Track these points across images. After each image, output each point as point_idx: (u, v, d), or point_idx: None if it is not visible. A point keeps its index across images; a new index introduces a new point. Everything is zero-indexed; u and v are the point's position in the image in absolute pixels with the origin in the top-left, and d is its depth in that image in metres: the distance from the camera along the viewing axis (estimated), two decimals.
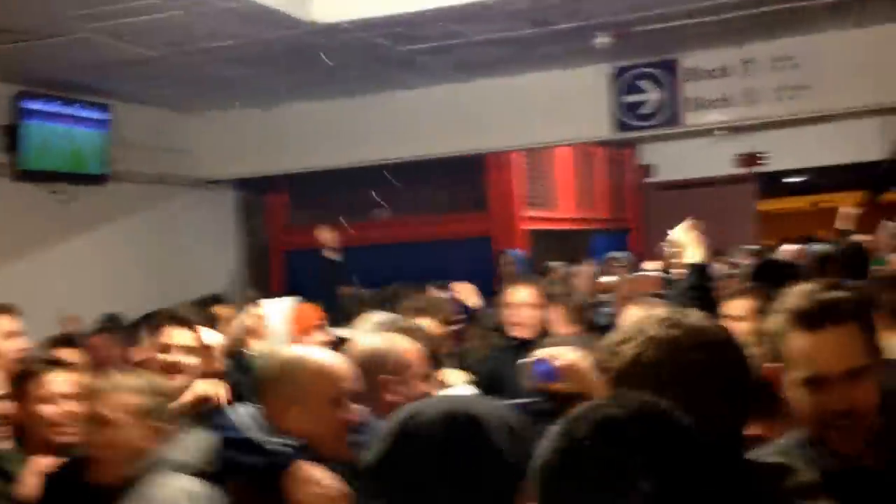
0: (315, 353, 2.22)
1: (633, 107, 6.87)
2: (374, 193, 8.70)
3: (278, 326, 3.91)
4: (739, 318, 3.69)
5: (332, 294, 6.72)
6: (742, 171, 10.84)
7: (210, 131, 7.73)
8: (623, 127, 6.96)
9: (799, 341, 1.67)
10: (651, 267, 8.00)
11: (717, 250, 9.99)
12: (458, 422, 1.43)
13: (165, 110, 7.47)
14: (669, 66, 6.73)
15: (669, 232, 7.87)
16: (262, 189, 8.59)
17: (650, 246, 11.02)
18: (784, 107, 6.38)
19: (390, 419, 1.48)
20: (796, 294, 1.73)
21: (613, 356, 1.57)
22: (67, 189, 6.40)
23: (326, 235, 6.14)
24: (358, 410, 2.13)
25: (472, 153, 7.67)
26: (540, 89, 7.06)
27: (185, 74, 6.37)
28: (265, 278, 8.54)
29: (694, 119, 6.77)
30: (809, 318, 1.66)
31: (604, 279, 6.75)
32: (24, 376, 2.81)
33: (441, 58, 6.42)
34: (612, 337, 1.67)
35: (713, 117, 6.73)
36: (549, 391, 2.31)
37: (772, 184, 13.15)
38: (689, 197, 11.25)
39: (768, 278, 5.36)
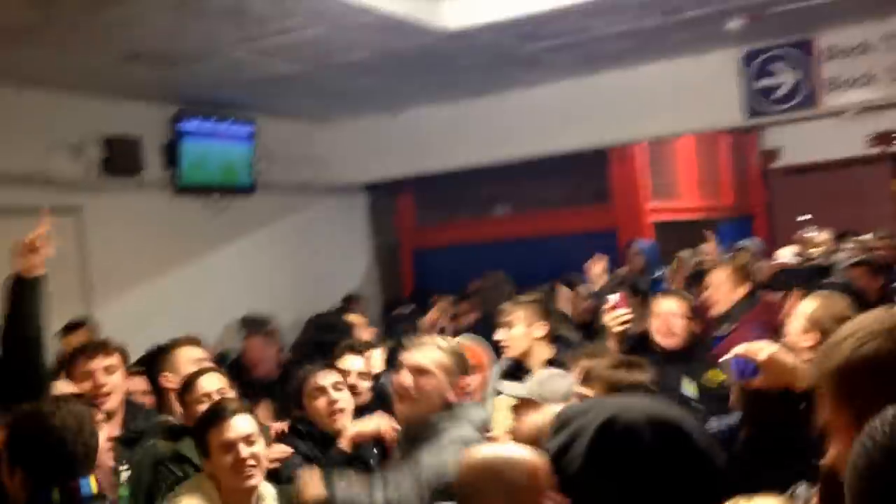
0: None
1: (765, 91, 6.71)
2: (498, 191, 8.81)
3: None
4: None
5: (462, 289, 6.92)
6: (875, 150, 10.41)
7: (342, 139, 8.02)
8: (755, 113, 6.80)
9: None
10: (786, 253, 7.84)
11: (845, 232, 9.70)
12: (665, 426, 1.44)
13: (303, 121, 7.81)
14: (805, 46, 6.54)
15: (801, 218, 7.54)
16: (391, 192, 8.84)
17: (775, 232, 10.76)
18: None
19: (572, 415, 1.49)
20: None
21: (833, 351, 1.57)
22: (220, 200, 6.79)
23: None
24: None
25: (598, 147, 7.67)
26: (666, 78, 6.98)
27: (322, 87, 6.63)
28: (397, 276, 8.81)
29: (832, 101, 6.54)
30: None
31: None
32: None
33: (567, 53, 6.42)
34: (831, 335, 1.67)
35: (853, 97, 6.48)
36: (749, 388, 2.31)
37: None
38: (816, 180, 10.91)
39: None
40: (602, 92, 7.16)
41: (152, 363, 3.71)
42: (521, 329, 4.04)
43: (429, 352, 2.79)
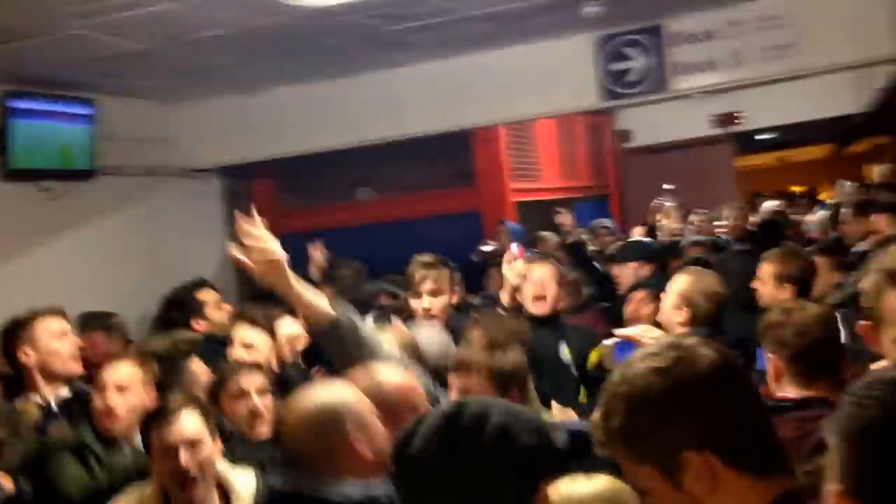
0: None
1: (619, 74, 6.89)
2: (361, 174, 8.69)
3: None
4: (763, 283, 3.82)
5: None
6: (719, 131, 10.96)
7: (194, 120, 7.64)
8: (610, 95, 6.97)
9: (894, 299, 1.73)
10: (639, 233, 8.12)
11: (693, 210, 10.19)
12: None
13: (150, 102, 7.36)
14: (655, 32, 6.75)
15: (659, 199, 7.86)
16: (247, 175, 8.53)
17: (629, 211, 11.18)
18: (771, 67, 6.44)
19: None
20: (892, 254, 1.80)
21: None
22: (56, 186, 6.31)
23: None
24: None
25: (460, 129, 7.67)
26: (526, 61, 7.04)
27: (172, 65, 6.27)
28: None
29: (680, 84, 6.79)
30: None
31: None
32: None
33: (429, 35, 6.36)
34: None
35: (699, 81, 6.75)
36: None
37: (742, 142, 13.33)
38: (666, 160, 11.39)
39: (771, 238, 5.54)
40: (464, 74, 7.15)
41: (8, 339, 3.39)
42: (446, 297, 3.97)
43: None
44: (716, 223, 8.27)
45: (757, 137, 14.56)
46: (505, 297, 4.00)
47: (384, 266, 6.68)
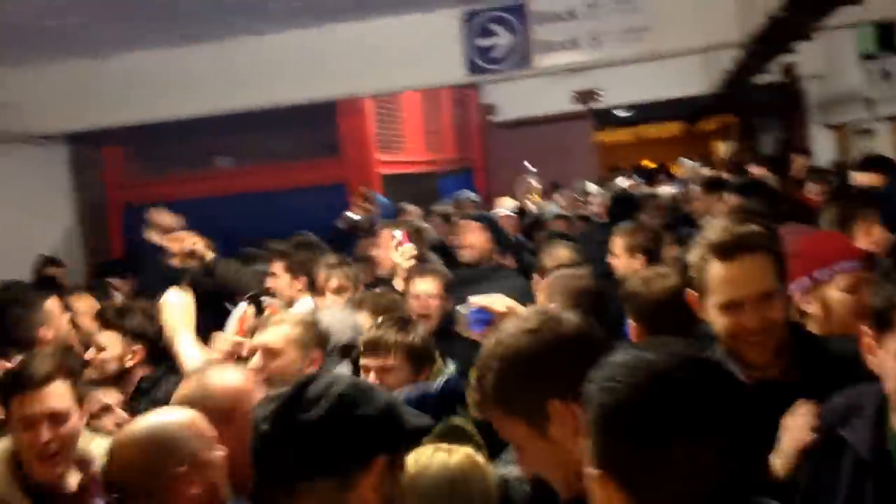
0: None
1: (485, 50, 6.96)
2: (221, 143, 8.43)
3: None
4: (617, 256, 4.00)
5: None
6: (580, 107, 11.29)
7: (38, 84, 7.15)
8: (476, 70, 7.05)
9: (717, 270, 1.89)
10: (507, 205, 8.26)
11: (556, 184, 10.49)
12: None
13: None
14: (519, 10, 6.86)
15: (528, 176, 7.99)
16: (97, 143, 8.10)
17: (493, 184, 11.37)
18: (627, 48, 6.67)
19: None
20: (714, 228, 1.96)
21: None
22: None
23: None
24: None
25: (325, 100, 7.56)
26: (393, 34, 7.00)
27: (12, 26, 5.84)
28: (104, 237, 8.14)
29: (543, 61, 6.94)
30: (726, 250, 1.88)
31: None
32: None
33: (291, 3, 6.24)
34: None
35: (561, 59, 6.93)
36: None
37: (601, 118, 13.82)
38: (529, 134, 11.65)
39: (624, 213, 5.77)
40: (331, 44, 7.04)
41: None
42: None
43: (279, 329, 2.74)
44: (581, 199, 8.53)
45: (615, 114, 15.14)
46: (399, 283, 4.09)
47: (246, 237, 6.54)
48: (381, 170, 8.54)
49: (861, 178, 3.52)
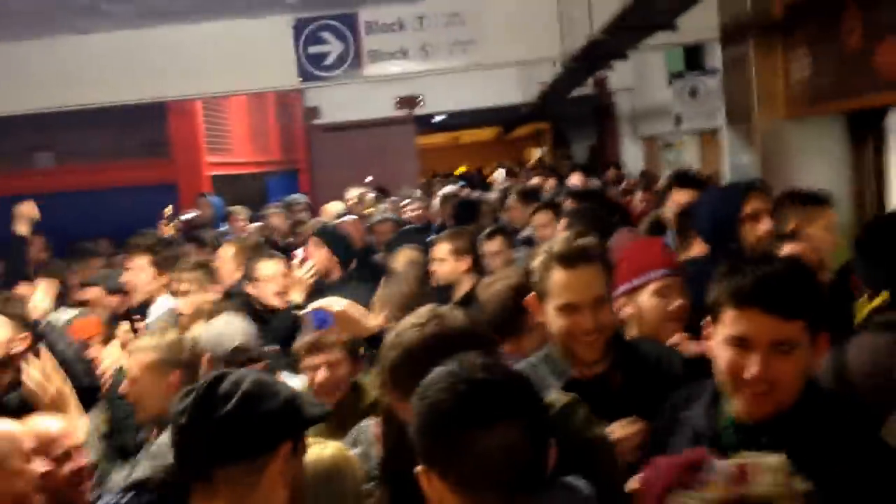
0: None
1: (316, 57, 7.18)
2: (44, 140, 8.14)
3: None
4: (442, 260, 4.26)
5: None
6: (402, 112, 11.69)
7: None
8: (308, 77, 7.25)
9: (558, 276, 2.18)
10: (335, 209, 8.44)
11: (381, 188, 10.81)
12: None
13: None
14: (349, 20, 7.13)
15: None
16: None
17: (318, 184, 11.55)
18: (455, 59, 7.10)
19: None
20: (558, 241, 2.26)
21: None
22: None
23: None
24: None
25: (156, 101, 7.51)
26: (225, 38, 7.08)
27: None
28: None
29: (374, 70, 7.24)
30: (568, 259, 2.17)
31: None
32: None
33: (126, 6, 6.23)
34: None
35: (391, 68, 7.26)
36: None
37: (419, 122, 14.29)
38: (353, 138, 11.93)
39: (465, 218, 6.11)
40: (161, 46, 7.02)
41: None
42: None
43: (136, 357, 2.82)
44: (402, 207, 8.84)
45: (434, 121, 15.68)
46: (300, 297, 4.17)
47: (70, 237, 6.41)
48: (210, 171, 8.55)
49: (678, 196, 3.93)
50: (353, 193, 8.58)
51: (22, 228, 5.12)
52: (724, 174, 6.01)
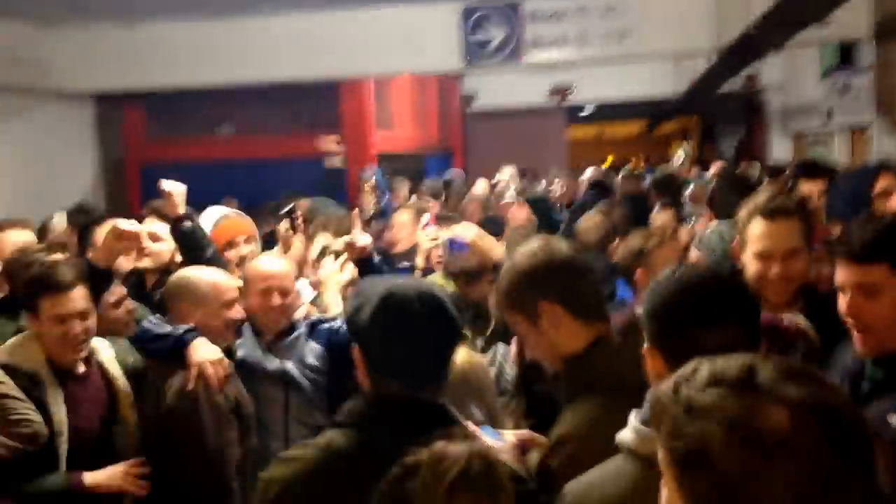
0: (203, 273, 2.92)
1: (480, 44, 7.72)
2: (229, 112, 9.05)
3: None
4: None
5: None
6: (554, 102, 12.07)
7: (72, 45, 7.77)
8: (472, 61, 7.80)
9: (757, 226, 2.45)
10: (481, 185, 8.95)
11: (531, 171, 11.19)
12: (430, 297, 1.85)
13: (26, 22, 7.44)
14: (513, 9, 7.62)
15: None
16: (120, 103, 8.70)
17: (470, 167, 12.09)
18: (610, 48, 7.47)
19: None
20: (762, 194, 2.56)
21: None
22: None
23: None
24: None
25: (330, 79, 8.25)
26: (397, 22, 7.71)
27: None
28: (123, 191, 8.74)
29: (533, 57, 7.72)
30: (768, 212, 2.45)
31: None
32: None
33: None
34: None
35: (549, 56, 7.70)
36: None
37: (569, 114, 14.57)
38: (505, 124, 12.39)
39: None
40: (339, 28, 7.72)
41: None
42: None
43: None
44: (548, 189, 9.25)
45: (581, 114, 15.93)
46: (420, 261, 4.59)
47: (245, 202, 7.03)
48: (375, 147, 9.25)
49: (805, 186, 4.13)
50: (504, 174, 9.06)
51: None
52: None
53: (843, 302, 1.94)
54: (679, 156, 13.03)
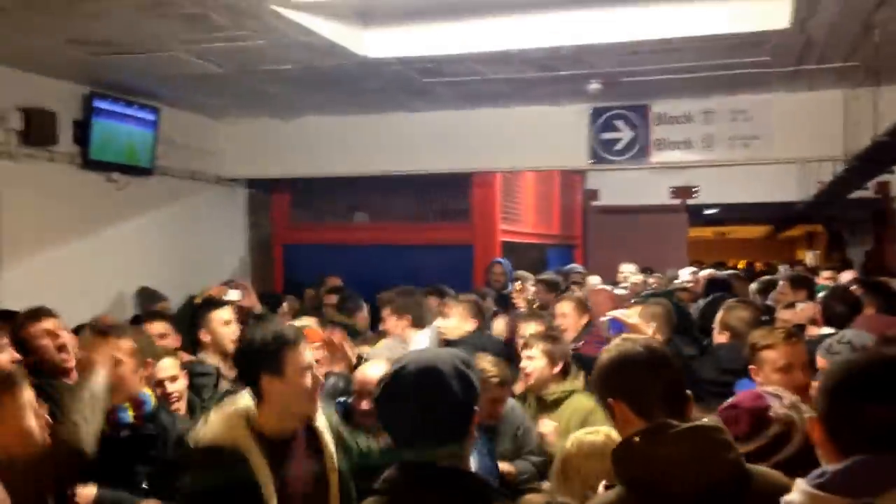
0: None
1: (608, 143, 8.05)
2: (370, 200, 9.68)
3: None
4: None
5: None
6: (677, 201, 12.24)
7: (234, 135, 8.64)
8: (599, 159, 8.13)
9: None
10: (595, 280, 9.16)
11: (647, 268, 11.29)
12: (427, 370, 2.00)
13: (201, 115, 8.36)
14: (642, 111, 7.95)
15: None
16: (269, 188, 9.50)
17: (589, 261, 12.33)
18: (735, 153, 7.65)
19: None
20: None
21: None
22: (121, 178, 7.22)
23: None
24: None
25: (464, 171, 8.75)
26: (530, 121, 8.12)
27: (233, 88, 7.21)
28: (269, 268, 9.45)
29: (658, 157, 7.96)
30: None
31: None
32: None
33: (455, 89, 7.40)
34: None
35: (675, 157, 7.92)
36: None
37: (691, 213, 14.63)
38: (626, 221, 12.61)
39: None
40: (474, 125, 8.22)
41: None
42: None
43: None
44: (675, 282, 9.37)
45: (704, 212, 15.95)
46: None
47: (379, 286, 7.42)
48: (502, 237, 9.64)
49: None
50: (624, 269, 9.27)
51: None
52: None
53: None
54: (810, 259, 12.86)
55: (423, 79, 7.00)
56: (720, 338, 4.70)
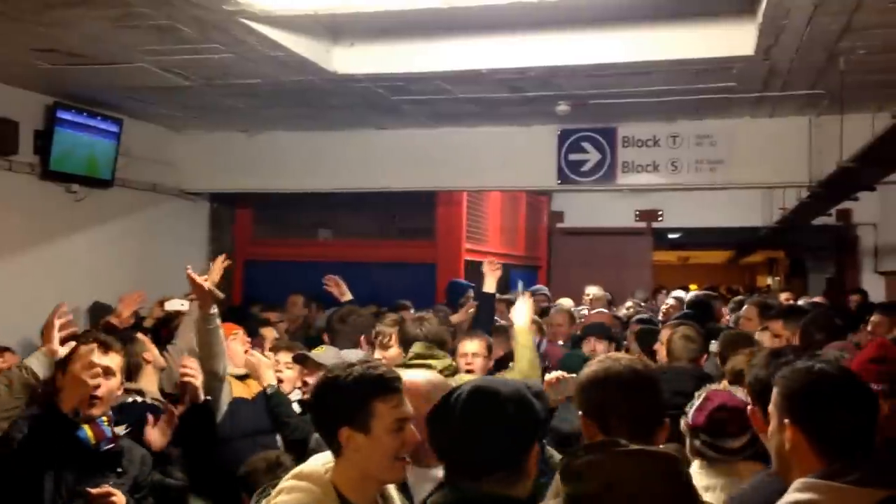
0: None
1: (575, 164, 8.06)
2: (328, 217, 9.59)
3: None
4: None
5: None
6: (642, 224, 12.29)
7: (195, 148, 8.49)
8: (565, 180, 8.13)
9: None
10: (565, 302, 9.13)
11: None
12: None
13: (165, 128, 8.23)
14: (609, 133, 7.98)
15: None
16: (231, 203, 9.34)
17: (553, 282, 12.32)
18: (701, 177, 7.70)
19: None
20: None
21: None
22: (80, 190, 7.06)
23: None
24: None
25: (434, 190, 8.70)
26: (498, 141, 8.12)
27: (197, 101, 7.09)
28: (229, 284, 9.26)
29: (625, 180, 8.00)
30: None
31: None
32: None
33: (423, 107, 7.37)
34: None
35: (641, 179, 7.96)
36: None
37: (655, 237, 14.70)
38: (590, 243, 12.63)
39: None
40: (442, 144, 8.18)
41: None
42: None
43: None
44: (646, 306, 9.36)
45: (668, 236, 16.05)
46: None
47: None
48: (466, 256, 9.59)
49: None
50: (590, 291, 9.27)
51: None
52: None
53: None
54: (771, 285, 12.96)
55: (392, 96, 6.96)
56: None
